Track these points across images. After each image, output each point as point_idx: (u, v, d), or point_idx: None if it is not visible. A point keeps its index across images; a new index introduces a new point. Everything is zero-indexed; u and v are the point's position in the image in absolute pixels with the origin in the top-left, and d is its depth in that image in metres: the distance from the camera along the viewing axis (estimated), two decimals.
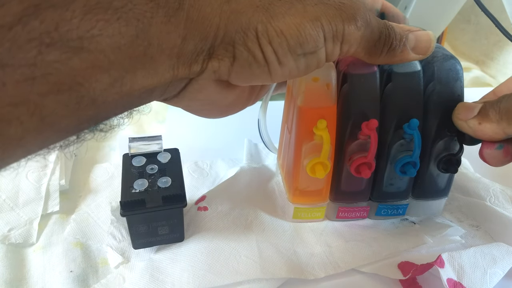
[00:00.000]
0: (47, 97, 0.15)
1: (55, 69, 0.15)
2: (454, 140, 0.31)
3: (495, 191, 0.39)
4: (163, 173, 0.32)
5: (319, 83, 0.29)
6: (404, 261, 0.32)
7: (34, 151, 0.17)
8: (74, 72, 0.15)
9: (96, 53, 0.15)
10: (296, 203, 0.34)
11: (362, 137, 0.30)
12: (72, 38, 0.15)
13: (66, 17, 0.14)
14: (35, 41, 0.14)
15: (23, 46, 0.14)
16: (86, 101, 0.16)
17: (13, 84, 0.14)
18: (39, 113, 0.15)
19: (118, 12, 0.16)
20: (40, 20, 0.14)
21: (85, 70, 0.15)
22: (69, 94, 0.15)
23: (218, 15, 0.19)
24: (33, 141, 0.16)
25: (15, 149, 0.15)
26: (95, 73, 0.16)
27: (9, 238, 0.33)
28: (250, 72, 0.21)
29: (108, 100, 0.17)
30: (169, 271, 0.30)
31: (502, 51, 0.63)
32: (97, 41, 0.15)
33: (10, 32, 0.13)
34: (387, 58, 0.26)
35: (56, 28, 0.14)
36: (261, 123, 0.36)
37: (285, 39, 0.20)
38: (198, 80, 0.21)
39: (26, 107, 0.14)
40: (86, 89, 0.16)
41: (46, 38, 0.14)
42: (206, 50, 0.20)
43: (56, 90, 0.15)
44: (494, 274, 0.30)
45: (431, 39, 0.26)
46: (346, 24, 0.22)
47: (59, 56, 0.15)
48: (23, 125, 0.15)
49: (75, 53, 0.15)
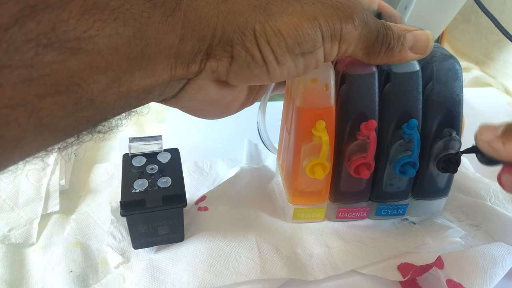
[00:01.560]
0: (44, 98, 0.15)
1: (53, 70, 0.15)
2: (454, 140, 0.31)
3: (495, 190, 0.39)
4: (163, 173, 0.32)
5: (318, 84, 0.29)
6: (404, 262, 0.32)
7: (32, 153, 0.17)
8: (71, 73, 0.15)
9: (93, 54, 0.15)
10: (296, 203, 0.34)
11: (361, 137, 0.30)
12: (69, 39, 0.15)
13: (63, 18, 0.14)
14: (32, 42, 0.14)
15: (20, 47, 0.14)
16: (84, 102, 0.16)
17: (10, 85, 0.14)
18: (37, 114, 0.15)
19: (115, 12, 0.16)
20: (37, 21, 0.14)
21: (82, 71, 0.15)
22: (67, 95, 0.15)
23: (215, 15, 0.19)
24: (32, 143, 0.16)
25: (13, 151, 0.15)
26: (93, 73, 0.16)
27: (9, 238, 0.33)
28: (249, 72, 0.21)
29: (106, 101, 0.17)
30: (169, 271, 0.30)
31: (502, 51, 0.63)
32: (94, 41, 0.15)
33: (7, 33, 0.13)
34: (386, 58, 0.25)
35: (53, 29, 0.14)
36: (260, 124, 0.36)
37: (283, 38, 0.20)
38: (196, 80, 0.21)
39: (23, 108, 0.14)
40: (84, 90, 0.16)
41: (43, 39, 0.14)
42: (204, 50, 0.20)
43: (54, 92, 0.15)
44: (494, 274, 0.30)
45: (429, 39, 0.26)
46: (343, 23, 0.22)
47: (56, 57, 0.14)
48: (21, 127, 0.15)
49: (73, 54, 0.15)
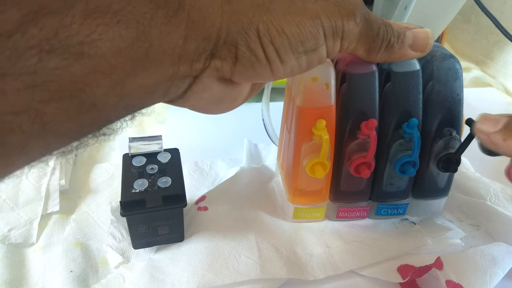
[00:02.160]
0: (48, 104, 0.15)
1: (56, 76, 0.14)
2: (454, 140, 0.31)
3: (495, 190, 0.39)
4: (163, 173, 0.32)
5: (318, 83, 0.29)
6: (403, 264, 0.32)
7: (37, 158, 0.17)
8: (75, 78, 0.15)
9: (96, 58, 0.15)
10: (296, 203, 0.34)
11: (361, 137, 0.30)
12: (72, 44, 0.14)
13: (66, 23, 0.14)
14: (35, 49, 0.14)
15: (23, 54, 0.14)
16: (88, 106, 0.16)
17: (14, 92, 0.14)
18: (40, 120, 0.15)
19: (117, 15, 0.16)
20: (39, 27, 0.14)
21: (86, 75, 0.15)
22: (71, 100, 0.15)
23: (219, 15, 0.19)
24: (36, 148, 0.16)
25: (18, 156, 0.15)
26: (97, 78, 0.16)
27: (9, 238, 0.33)
28: (253, 71, 0.21)
29: (109, 103, 0.17)
30: (169, 271, 0.30)
31: (502, 51, 0.63)
32: (97, 45, 0.15)
33: (10, 40, 0.13)
34: (386, 55, 0.26)
35: (56, 35, 0.14)
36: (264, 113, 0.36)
37: (287, 37, 0.20)
38: (202, 80, 0.21)
39: (27, 115, 0.14)
40: (87, 95, 0.16)
41: (46, 45, 0.14)
42: (209, 50, 0.20)
43: (58, 97, 0.15)
44: (494, 274, 0.30)
45: (429, 36, 0.26)
46: (345, 20, 0.22)
47: (59, 63, 0.14)
48: (24, 133, 0.14)
49: (76, 59, 0.15)
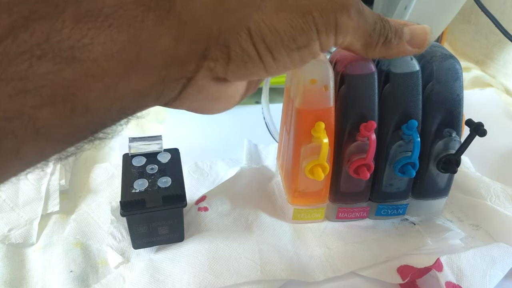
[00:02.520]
0: (41, 109, 0.15)
1: (48, 81, 0.14)
2: (454, 140, 0.31)
3: (495, 190, 0.39)
4: (163, 173, 0.32)
5: (317, 84, 0.29)
6: (403, 265, 0.32)
7: (32, 164, 0.17)
8: (67, 83, 0.15)
9: (88, 62, 0.15)
10: (296, 204, 0.34)
11: (360, 138, 0.30)
12: (63, 49, 0.14)
13: (57, 28, 0.14)
14: (26, 54, 0.14)
15: (14, 59, 0.13)
16: (81, 110, 0.16)
17: (5, 98, 0.14)
18: (33, 125, 0.15)
19: (109, 18, 0.15)
20: (30, 33, 0.14)
21: (78, 80, 0.15)
22: (63, 105, 0.15)
23: (211, 16, 0.19)
24: (30, 153, 0.16)
25: (13, 162, 0.15)
26: (89, 82, 0.16)
27: (9, 238, 0.33)
28: (246, 70, 0.21)
29: (102, 106, 0.17)
30: (169, 272, 0.30)
31: (502, 51, 0.63)
32: (89, 50, 0.15)
33: (0, 46, 0.13)
34: (384, 50, 0.25)
35: (47, 40, 0.14)
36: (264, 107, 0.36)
37: (279, 35, 0.20)
38: (197, 81, 0.21)
39: (20, 120, 0.14)
40: (80, 99, 0.16)
41: (37, 50, 0.14)
42: (202, 51, 0.20)
43: (50, 102, 0.15)
44: (494, 275, 0.30)
45: (427, 32, 0.26)
46: (338, 14, 0.22)
47: (51, 68, 0.14)
48: (18, 138, 0.14)
49: (68, 64, 0.15)
